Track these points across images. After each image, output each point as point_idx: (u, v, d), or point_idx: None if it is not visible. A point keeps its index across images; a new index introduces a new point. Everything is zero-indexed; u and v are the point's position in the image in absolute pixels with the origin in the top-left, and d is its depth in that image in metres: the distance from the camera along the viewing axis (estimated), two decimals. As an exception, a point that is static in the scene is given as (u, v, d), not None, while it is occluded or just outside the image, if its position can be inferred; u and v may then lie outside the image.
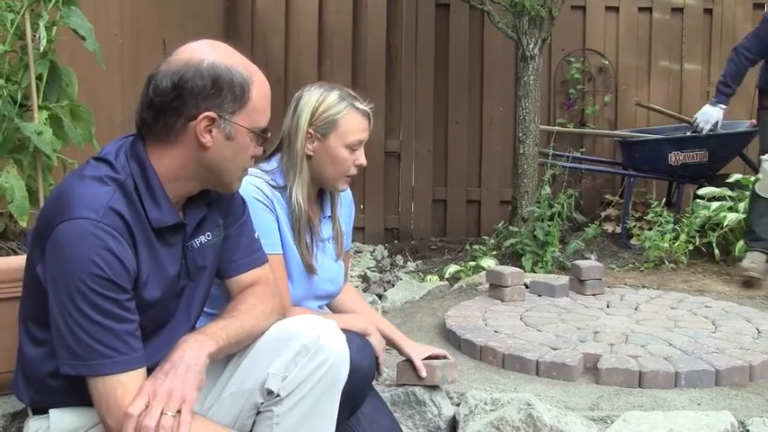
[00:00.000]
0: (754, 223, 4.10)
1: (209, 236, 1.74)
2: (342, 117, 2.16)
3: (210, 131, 1.58)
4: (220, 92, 1.57)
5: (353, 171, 2.21)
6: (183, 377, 1.50)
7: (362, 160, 2.20)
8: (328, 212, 2.31)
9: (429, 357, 2.40)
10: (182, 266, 1.67)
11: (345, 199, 2.40)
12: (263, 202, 2.12)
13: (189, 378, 1.50)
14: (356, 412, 2.08)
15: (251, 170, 2.17)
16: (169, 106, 1.56)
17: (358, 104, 2.19)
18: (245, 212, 1.84)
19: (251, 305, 1.74)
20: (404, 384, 2.43)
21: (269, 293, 1.80)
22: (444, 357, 2.43)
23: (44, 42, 2.29)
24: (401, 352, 2.38)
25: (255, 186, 2.12)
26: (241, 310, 1.72)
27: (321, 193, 2.31)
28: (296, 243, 2.18)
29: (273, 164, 2.22)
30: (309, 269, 2.21)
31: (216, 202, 1.75)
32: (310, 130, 2.17)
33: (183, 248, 1.67)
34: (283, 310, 1.84)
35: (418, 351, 2.39)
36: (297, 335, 1.67)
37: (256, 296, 1.77)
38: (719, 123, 4.92)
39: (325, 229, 2.30)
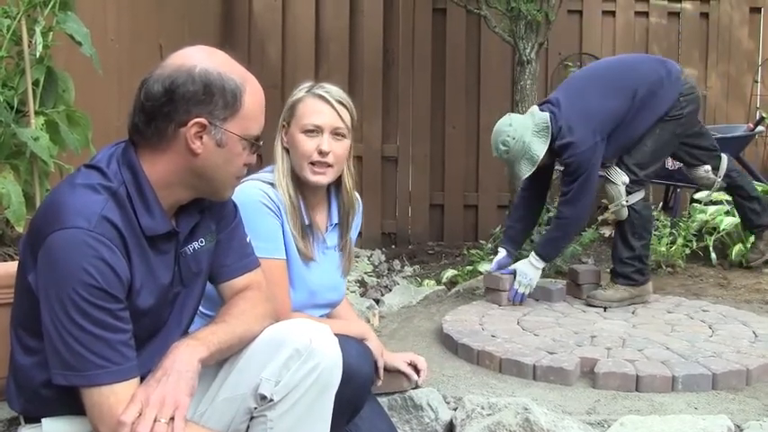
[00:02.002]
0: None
1: (202, 242, 1.73)
2: (298, 102, 2.18)
3: (201, 138, 1.57)
4: (212, 98, 1.56)
5: (317, 158, 2.14)
6: (176, 383, 1.49)
7: (324, 146, 2.14)
8: (335, 220, 2.29)
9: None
10: (174, 274, 1.67)
11: (358, 209, 2.38)
12: (269, 207, 2.12)
13: (181, 384, 1.50)
14: (355, 417, 2.08)
15: (258, 176, 2.17)
16: (160, 111, 1.55)
17: (316, 90, 2.19)
18: (236, 217, 1.83)
19: (242, 310, 1.73)
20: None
21: (261, 298, 1.80)
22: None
23: (40, 48, 2.30)
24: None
25: (263, 192, 2.13)
26: (232, 314, 1.71)
27: (330, 200, 2.30)
28: (291, 234, 2.16)
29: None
30: (304, 256, 2.18)
31: (208, 209, 1.74)
32: (283, 123, 2.21)
33: (176, 255, 1.67)
34: (276, 314, 1.83)
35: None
36: (289, 339, 1.67)
37: (248, 300, 1.77)
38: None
39: (331, 238, 2.29)
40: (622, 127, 3.44)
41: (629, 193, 3.47)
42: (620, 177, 3.46)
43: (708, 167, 3.75)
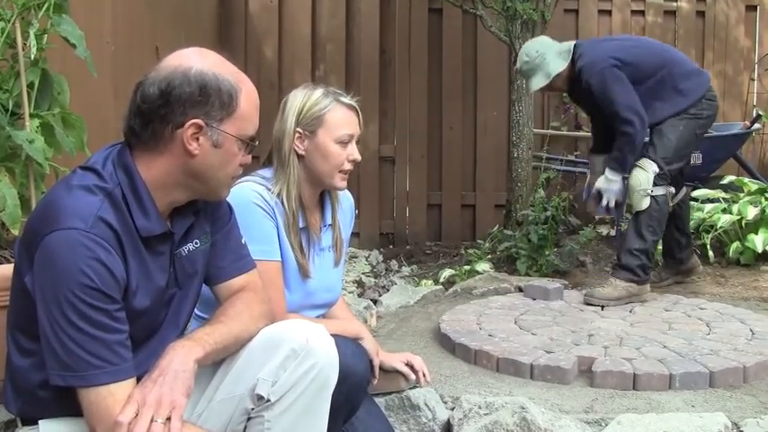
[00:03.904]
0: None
1: (197, 243, 1.73)
2: (327, 112, 2.17)
3: (198, 139, 1.57)
4: (208, 99, 1.56)
5: (348, 166, 2.20)
6: (172, 384, 1.49)
7: (356, 155, 2.20)
8: (329, 220, 2.30)
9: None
10: (170, 275, 1.67)
11: (347, 205, 2.39)
12: (263, 209, 2.12)
13: (177, 385, 1.50)
14: (351, 417, 2.08)
15: (253, 177, 2.17)
16: (156, 113, 1.55)
17: (342, 99, 2.20)
18: (231, 218, 1.83)
19: (239, 310, 1.73)
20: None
21: (257, 299, 1.80)
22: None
23: (34, 50, 2.29)
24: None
25: (257, 193, 2.12)
26: (229, 315, 1.71)
27: (322, 201, 2.30)
28: (291, 246, 2.18)
29: (271, 171, 2.22)
30: (304, 272, 2.19)
31: (203, 210, 1.75)
32: (299, 130, 2.18)
33: (171, 256, 1.67)
34: (272, 315, 1.83)
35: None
36: (286, 339, 1.67)
37: (244, 301, 1.77)
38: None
39: (325, 238, 2.29)
40: (643, 91, 3.57)
41: (655, 184, 3.57)
42: (651, 167, 3.58)
43: (672, 190, 3.81)
